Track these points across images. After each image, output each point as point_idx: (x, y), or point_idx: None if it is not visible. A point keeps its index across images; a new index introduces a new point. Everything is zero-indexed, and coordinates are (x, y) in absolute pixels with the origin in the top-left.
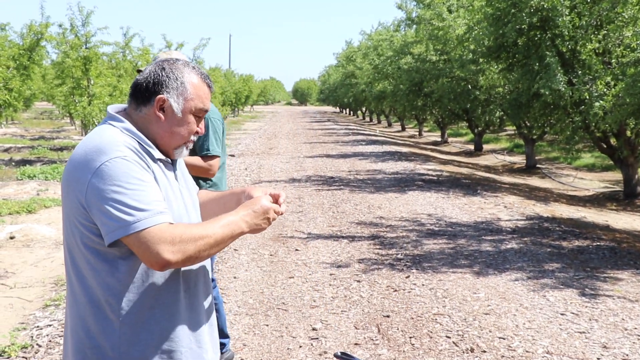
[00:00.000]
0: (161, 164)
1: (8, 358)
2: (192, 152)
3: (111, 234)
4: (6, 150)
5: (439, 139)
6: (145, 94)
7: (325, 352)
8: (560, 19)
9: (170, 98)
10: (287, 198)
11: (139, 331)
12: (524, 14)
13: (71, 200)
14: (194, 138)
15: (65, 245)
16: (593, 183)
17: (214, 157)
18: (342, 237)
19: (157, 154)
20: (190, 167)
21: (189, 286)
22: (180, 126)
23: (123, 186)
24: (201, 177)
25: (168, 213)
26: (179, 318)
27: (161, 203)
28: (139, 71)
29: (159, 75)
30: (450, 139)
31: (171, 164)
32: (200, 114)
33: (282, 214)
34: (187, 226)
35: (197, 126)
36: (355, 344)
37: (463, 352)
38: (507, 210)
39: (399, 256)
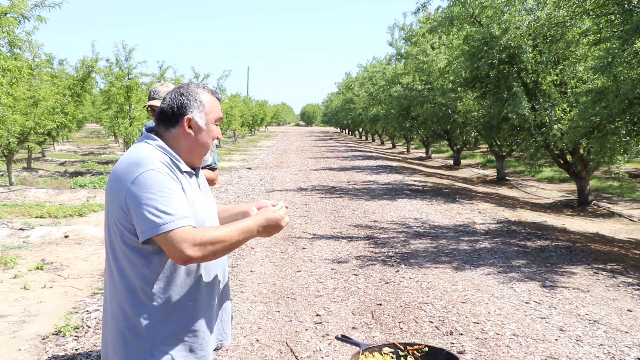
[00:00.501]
0: (187, 175)
1: (63, 336)
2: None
3: (144, 233)
4: (62, 163)
5: (424, 155)
6: (172, 117)
7: (328, 335)
8: (524, 56)
9: (195, 116)
10: (294, 204)
11: (169, 313)
12: (494, 51)
13: (113, 205)
14: (215, 143)
15: (107, 242)
16: (552, 193)
17: (216, 169)
18: (342, 237)
19: (184, 167)
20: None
21: (210, 276)
22: (207, 137)
23: (155, 194)
24: None
25: (191, 217)
26: (200, 302)
27: (186, 209)
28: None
29: (181, 99)
30: (433, 155)
31: (195, 175)
32: (218, 122)
33: (287, 223)
34: (208, 229)
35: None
36: (353, 327)
37: (444, 334)
38: (481, 215)
39: (390, 254)
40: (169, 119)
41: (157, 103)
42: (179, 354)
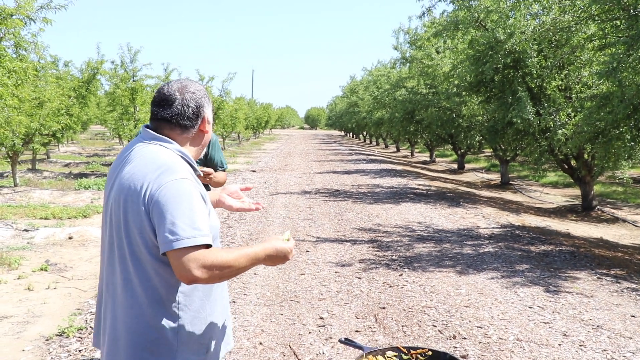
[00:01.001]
0: (199, 179)
1: (67, 338)
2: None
3: (164, 245)
4: (66, 165)
5: (428, 159)
6: (193, 118)
7: (331, 338)
8: (529, 60)
9: (207, 113)
10: (298, 207)
11: (192, 320)
12: (499, 56)
13: (134, 212)
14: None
15: (122, 252)
16: (556, 197)
17: (225, 170)
18: (346, 240)
19: (197, 172)
20: (218, 182)
21: (223, 286)
22: (210, 130)
23: (182, 205)
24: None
25: (209, 236)
26: (218, 306)
27: (206, 226)
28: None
29: (196, 99)
30: (437, 159)
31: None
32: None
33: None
34: (219, 252)
35: None
36: (356, 331)
37: (447, 338)
38: (485, 219)
39: (394, 257)
40: (188, 120)
41: None
42: (197, 357)
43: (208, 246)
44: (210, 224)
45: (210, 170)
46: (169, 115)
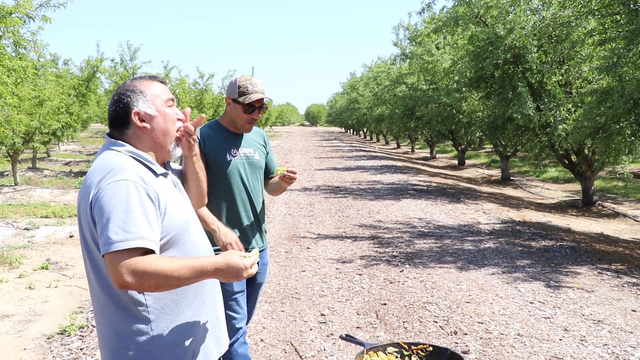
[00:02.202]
0: (162, 178)
1: (68, 336)
2: (266, 174)
3: (102, 248)
4: (67, 163)
5: (429, 155)
6: (121, 120)
7: (332, 334)
8: (529, 56)
9: (141, 108)
10: (299, 204)
11: (172, 322)
12: (499, 51)
13: (84, 218)
14: (179, 126)
15: (88, 261)
16: (557, 193)
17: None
18: (347, 237)
19: (159, 169)
20: (282, 190)
21: (206, 283)
22: (164, 122)
23: (118, 207)
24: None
25: (145, 239)
26: (205, 306)
27: (146, 230)
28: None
29: (120, 99)
30: (438, 155)
31: (167, 174)
32: (171, 104)
33: (253, 274)
34: (156, 261)
35: (178, 115)
36: (357, 327)
37: (448, 334)
38: (485, 215)
39: (395, 253)
40: (119, 123)
41: (261, 96)
42: None
43: (150, 251)
44: (170, 219)
45: (294, 170)
46: (109, 121)
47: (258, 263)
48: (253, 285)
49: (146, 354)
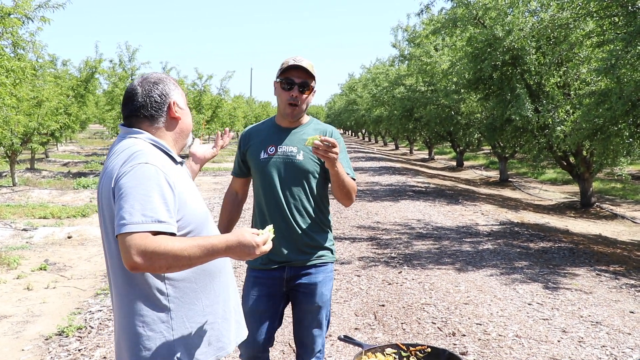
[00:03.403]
0: (180, 167)
1: (66, 337)
2: (324, 178)
3: (116, 228)
4: (65, 164)
5: (427, 156)
6: (157, 107)
7: (330, 335)
8: (528, 57)
9: (177, 99)
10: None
11: (190, 310)
12: (498, 53)
13: (107, 206)
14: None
15: (109, 251)
16: (555, 194)
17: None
18: (345, 238)
19: (178, 158)
20: (343, 186)
21: (221, 272)
22: (189, 117)
23: (138, 189)
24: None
25: (164, 223)
26: (221, 296)
27: (164, 213)
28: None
29: (158, 88)
30: (436, 157)
31: (184, 164)
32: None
33: (266, 251)
34: (165, 241)
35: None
36: (356, 328)
37: (446, 335)
38: (484, 216)
39: (393, 255)
40: (154, 109)
41: (304, 65)
42: (198, 349)
43: (161, 234)
44: (190, 210)
45: (332, 140)
46: (134, 109)
47: (273, 240)
48: (299, 308)
49: (165, 342)
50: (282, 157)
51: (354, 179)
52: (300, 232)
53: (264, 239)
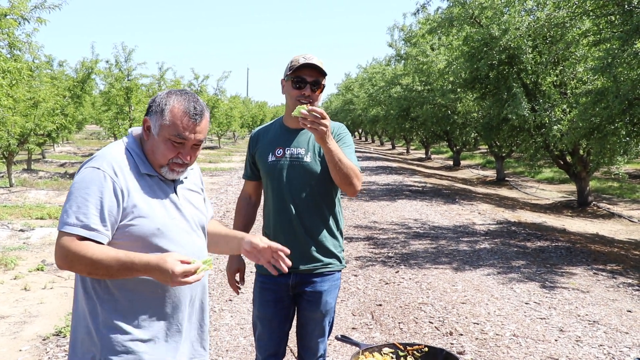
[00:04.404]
0: (149, 178)
1: (64, 337)
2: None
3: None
4: (62, 165)
5: (424, 156)
6: (145, 117)
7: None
8: (524, 56)
9: (151, 120)
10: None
11: (117, 317)
12: (494, 52)
13: None
14: (180, 161)
15: None
16: (552, 193)
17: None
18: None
19: (144, 169)
20: (339, 167)
21: (174, 294)
22: (157, 148)
23: (79, 191)
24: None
25: (93, 231)
26: (159, 314)
27: (94, 220)
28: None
29: (152, 101)
30: (433, 156)
31: (171, 181)
32: (177, 141)
33: (190, 283)
34: (90, 247)
35: (180, 154)
36: (353, 328)
37: (443, 335)
38: (480, 216)
39: (390, 254)
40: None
41: (315, 62)
42: None
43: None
44: (136, 223)
45: (320, 110)
46: None
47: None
48: (303, 314)
49: (95, 344)
50: (290, 159)
51: (360, 170)
52: (308, 237)
53: (186, 269)
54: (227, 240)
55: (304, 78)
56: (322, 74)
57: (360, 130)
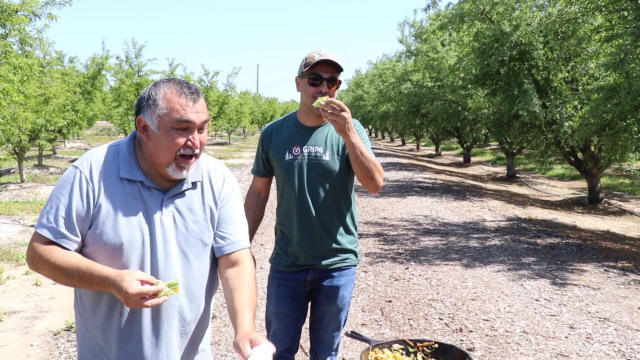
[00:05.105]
0: (128, 184)
1: (74, 332)
2: (351, 179)
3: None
4: (72, 161)
5: (434, 152)
6: (135, 117)
7: None
8: (535, 53)
9: (145, 117)
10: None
11: (89, 327)
12: (505, 48)
13: None
14: (190, 151)
15: None
16: (563, 190)
17: None
18: None
19: (123, 173)
20: (361, 161)
21: (155, 312)
22: (160, 143)
23: (54, 191)
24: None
25: (61, 238)
26: (112, 326)
27: (62, 224)
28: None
29: (140, 98)
30: (443, 152)
31: (162, 192)
32: (181, 127)
33: (147, 307)
34: (56, 253)
35: (188, 141)
36: (363, 324)
37: (453, 331)
38: (491, 212)
39: (400, 251)
40: (135, 119)
41: (332, 59)
42: None
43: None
44: (104, 231)
45: (339, 102)
46: None
47: (299, 242)
48: (319, 309)
49: (80, 346)
50: (308, 158)
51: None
52: (326, 234)
53: (142, 291)
54: (233, 312)
55: (320, 75)
56: (338, 69)
57: (370, 127)
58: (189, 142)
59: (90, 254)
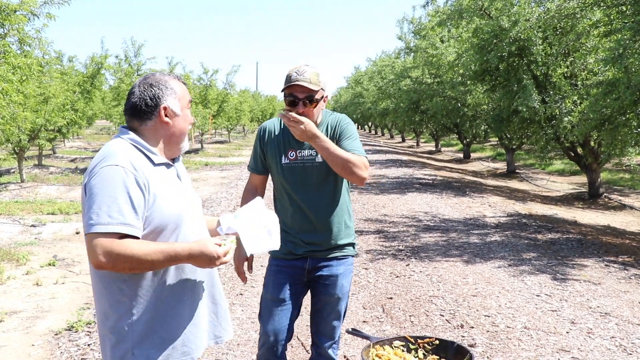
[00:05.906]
0: (163, 167)
1: (76, 332)
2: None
3: (84, 227)
4: (72, 160)
5: (434, 149)
6: (147, 109)
7: None
8: (534, 48)
9: (170, 104)
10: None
11: (145, 310)
12: (504, 44)
13: (83, 203)
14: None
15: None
16: (563, 185)
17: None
18: None
19: (158, 159)
20: (331, 159)
21: (188, 272)
22: (184, 123)
23: (105, 190)
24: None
25: (128, 226)
26: (179, 297)
27: (129, 215)
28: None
29: (152, 90)
30: (443, 149)
31: (172, 166)
32: (189, 106)
33: (227, 262)
34: (131, 244)
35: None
36: (364, 321)
37: (454, 328)
38: (491, 208)
39: (400, 247)
40: (143, 111)
41: (304, 84)
42: (160, 352)
43: (127, 236)
44: (160, 211)
45: (298, 117)
46: (128, 108)
47: (296, 235)
48: (319, 299)
49: (124, 335)
50: (303, 161)
51: (366, 157)
52: (326, 232)
53: (225, 250)
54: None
55: (296, 95)
56: (315, 89)
57: (369, 124)
58: (192, 118)
59: (147, 236)
